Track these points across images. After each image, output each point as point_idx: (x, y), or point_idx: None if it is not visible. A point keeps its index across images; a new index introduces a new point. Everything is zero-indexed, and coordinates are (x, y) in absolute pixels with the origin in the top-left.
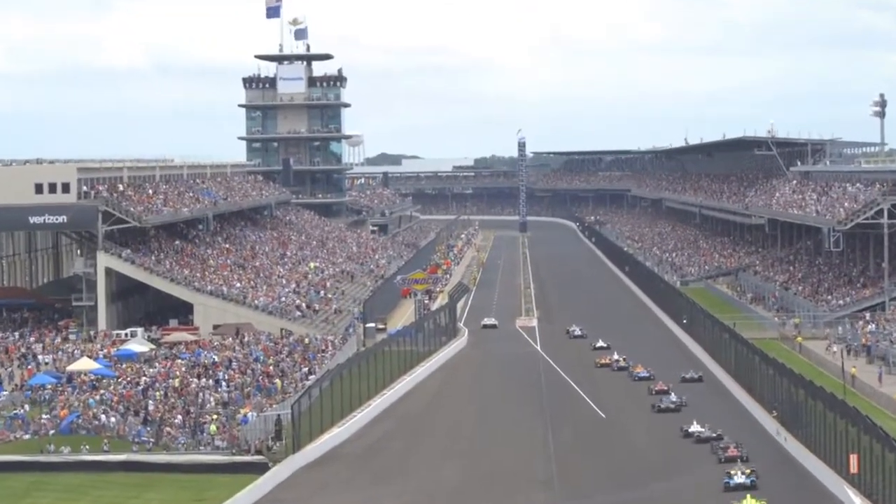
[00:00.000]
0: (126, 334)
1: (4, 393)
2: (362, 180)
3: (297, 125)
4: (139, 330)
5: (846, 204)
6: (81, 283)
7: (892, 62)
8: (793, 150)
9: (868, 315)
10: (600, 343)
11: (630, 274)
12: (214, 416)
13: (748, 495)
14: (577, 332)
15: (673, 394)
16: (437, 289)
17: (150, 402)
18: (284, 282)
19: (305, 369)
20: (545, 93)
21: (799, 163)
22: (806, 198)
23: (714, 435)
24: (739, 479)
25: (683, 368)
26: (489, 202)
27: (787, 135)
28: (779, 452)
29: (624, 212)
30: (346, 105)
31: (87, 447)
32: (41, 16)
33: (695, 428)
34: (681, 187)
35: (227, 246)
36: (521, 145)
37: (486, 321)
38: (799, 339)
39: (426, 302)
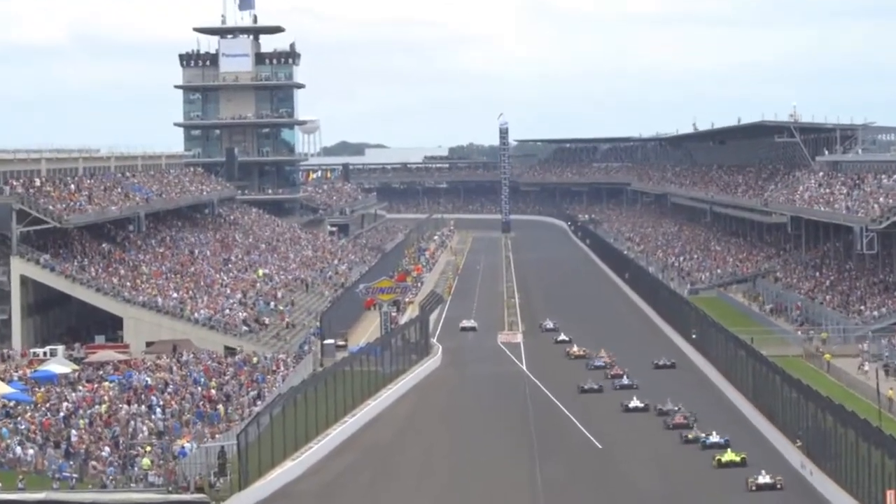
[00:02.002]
0: (45, 353)
1: None
2: (319, 173)
3: (242, 109)
4: (60, 348)
5: (881, 199)
6: None
7: None
8: (819, 136)
9: None
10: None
11: (630, 281)
12: (148, 448)
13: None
14: (550, 327)
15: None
16: (407, 299)
17: (73, 431)
18: (228, 291)
19: (253, 393)
20: (531, 71)
21: (826, 151)
22: (834, 192)
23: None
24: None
25: (695, 394)
26: (466, 198)
27: (812, 119)
28: (803, 487)
29: (623, 209)
30: (300, 86)
31: (0, 484)
32: None
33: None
34: (689, 180)
35: (162, 250)
36: (504, 132)
37: (465, 323)
38: (827, 356)
39: (394, 314)
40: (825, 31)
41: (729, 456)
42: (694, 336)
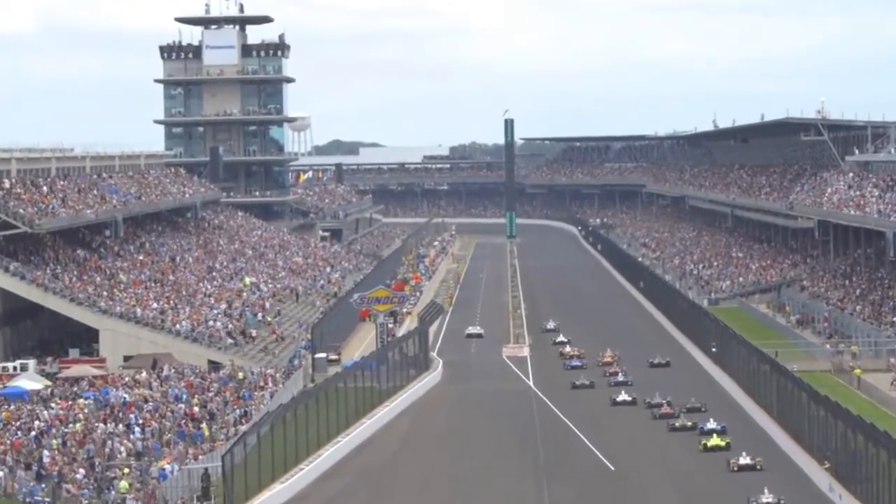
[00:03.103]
0: (14, 368)
1: None
2: (310, 174)
3: (227, 105)
4: (31, 362)
5: None
6: None
7: None
8: (849, 134)
9: None
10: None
11: (645, 291)
12: (126, 470)
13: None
14: (550, 327)
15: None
16: (404, 310)
17: (46, 452)
18: (213, 301)
19: (239, 411)
20: (537, 64)
21: (857, 150)
22: (866, 194)
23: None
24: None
25: (715, 410)
26: (469, 201)
27: (841, 115)
28: None
29: (637, 213)
30: (290, 80)
31: None
32: None
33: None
34: (708, 182)
35: (141, 257)
36: (509, 130)
37: (471, 330)
38: (857, 371)
39: (390, 326)
40: (856, 19)
41: (714, 440)
42: (714, 350)
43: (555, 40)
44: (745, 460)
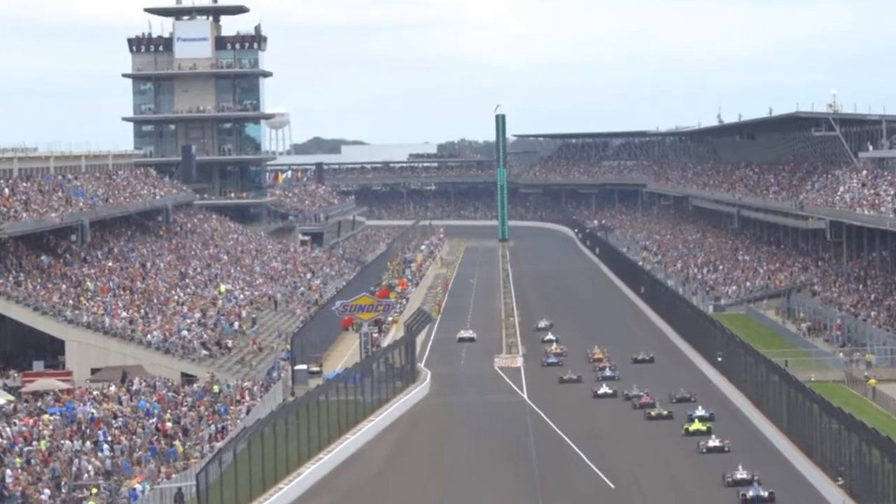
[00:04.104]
0: None
1: None
2: (289, 174)
3: (201, 101)
4: None
5: None
6: None
7: None
8: (862, 129)
9: None
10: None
11: (646, 297)
12: (94, 490)
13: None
14: (542, 326)
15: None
16: (390, 318)
17: (8, 471)
18: (186, 310)
19: (215, 427)
20: (531, 56)
21: (870, 146)
22: (880, 193)
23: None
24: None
25: (721, 423)
26: (458, 202)
27: (854, 109)
28: None
29: (638, 214)
30: (267, 74)
31: None
32: None
33: None
34: (713, 181)
35: (109, 263)
36: (500, 126)
37: (463, 333)
38: (872, 381)
39: (375, 336)
40: (869, 7)
41: (696, 426)
42: (719, 359)
43: (550, 30)
44: (713, 443)
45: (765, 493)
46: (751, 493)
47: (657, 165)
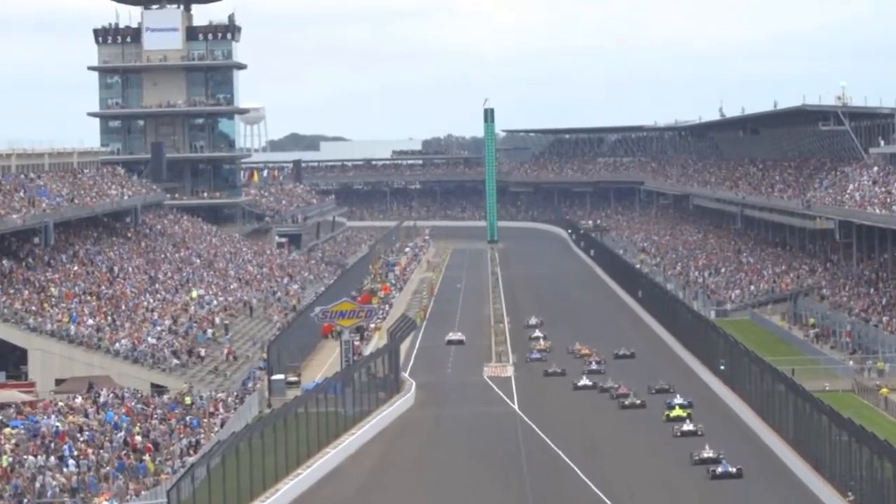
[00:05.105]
0: None
1: None
2: (265, 172)
3: (171, 95)
4: None
5: None
6: None
7: None
8: (873, 123)
9: None
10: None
11: (644, 301)
12: None
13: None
14: (532, 323)
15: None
16: (372, 325)
17: None
18: (156, 317)
19: (187, 440)
20: (521, 47)
21: (882, 141)
22: (892, 191)
23: None
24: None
25: (722, 433)
26: (444, 202)
27: (864, 102)
28: None
29: (635, 214)
30: (241, 66)
31: None
32: None
33: None
34: (715, 178)
35: (75, 267)
36: (489, 121)
37: (451, 336)
38: (884, 390)
39: (356, 344)
40: None
41: (676, 412)
42: (722, 367)
43: (540, 18)
44: (688, 427)
45: (733, 469)
46: (720, 470)
47: (655, 162)
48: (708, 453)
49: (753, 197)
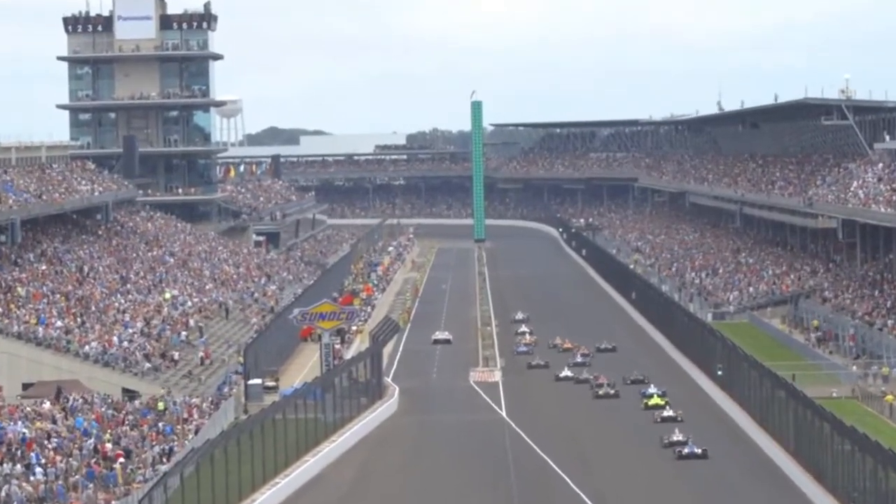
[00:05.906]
0: None
1: None
2: (242, 168)
3: (144, 86)
4: None
5: None
6: None
7: None
8: (878, 117)
9: None
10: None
11: (638, 303)
12: None
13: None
14: (519, 318)
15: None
16: (354, 328)
17: None
18: (127, 319)
19: (159, 448)
20: (510, 37)
21: (887, 136)
22: None
23: None
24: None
25: (721, 443)
26: (429, 198)
27: (869, 96)
28: None
29: (629, 212)
30: (217, 57)
31: None
32: None
33: None
34: (712, 175)
35: (43, 267)
36: (476, 114)
37: (438, 335)
38: (889, 397)
39: (337, 347)
40: None
41: (654, 400)
42: (719, 372)
43: (530, 7)
44: (668, 413)
45: (698, 450)
46: (686, 451)
47: (650, 158)
48: (678, 436)
49: (753, 194)
